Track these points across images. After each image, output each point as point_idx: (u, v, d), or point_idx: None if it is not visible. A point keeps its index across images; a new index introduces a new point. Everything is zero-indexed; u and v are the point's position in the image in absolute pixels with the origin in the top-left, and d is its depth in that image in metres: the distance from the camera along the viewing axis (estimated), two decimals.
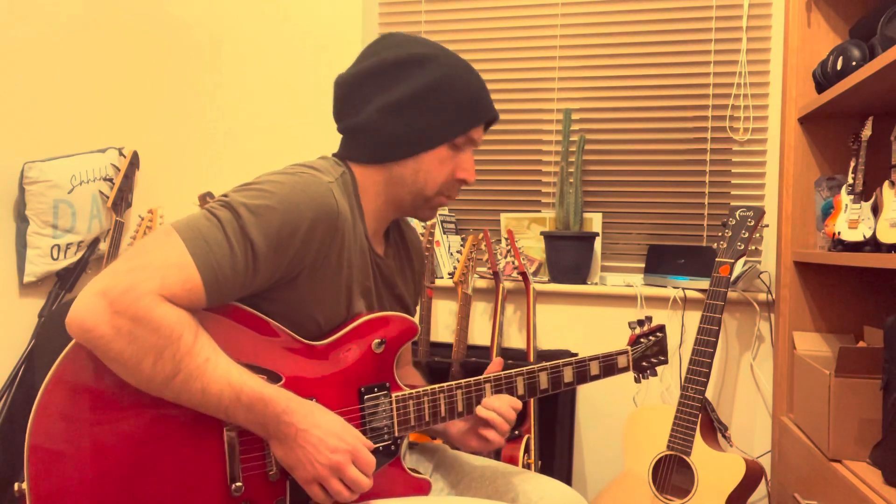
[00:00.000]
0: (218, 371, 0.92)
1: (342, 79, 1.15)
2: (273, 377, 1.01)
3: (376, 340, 1.09)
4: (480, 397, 1.16)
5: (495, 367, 1.22)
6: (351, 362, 1.08)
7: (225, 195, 1.00)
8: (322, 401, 1.04)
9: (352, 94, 1.13)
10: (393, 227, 1.27)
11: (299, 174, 1.03)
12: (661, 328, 1.36)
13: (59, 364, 0.92)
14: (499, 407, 1.15)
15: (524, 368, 1.20)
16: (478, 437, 1.18)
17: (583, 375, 1.24)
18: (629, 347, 1.31)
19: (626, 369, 1.30)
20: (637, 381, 1.34)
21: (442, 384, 1.14)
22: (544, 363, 1.21)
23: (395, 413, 1.10)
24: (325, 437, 0.97)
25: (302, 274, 1.02)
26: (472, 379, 1.16)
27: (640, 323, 1.37)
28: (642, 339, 1.33)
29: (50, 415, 0.91)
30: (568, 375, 1.23)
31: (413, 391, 1.12)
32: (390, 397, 1.10)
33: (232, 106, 2.57)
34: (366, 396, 1.08)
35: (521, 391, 1.19)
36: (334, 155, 1.17)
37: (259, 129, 2.55)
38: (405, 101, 1.09)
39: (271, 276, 1.00)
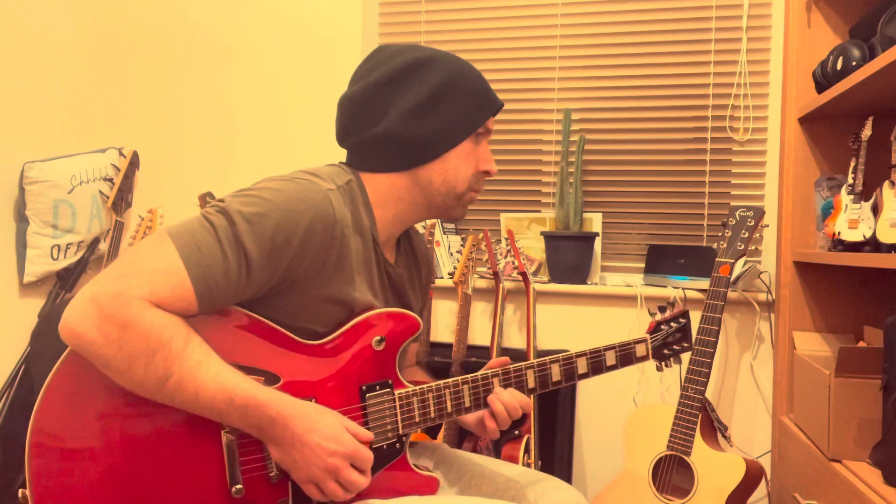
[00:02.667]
0: (210, 374, 0.92)
1: (351, 96, 1.14)
2: (271, 379, 1.01)
3: (376, 338, 1.09)
4: (488, 392, 1.15)
5: (499, 363, 1.20)
6: (351, 360, 1.07)
7: (221, 200, 1.00)
8: (322, 400, 1.03)
9: (365, 107, 1.12)
10: (402, 235, 1.26)
11: (297, 181, 1.03)
12: (685, 313, 1.31)
13: (59, 367, 0.92)
14: (509, 402, 1.14)
15: (535, 361, 1.17)
16: (479, 423, 1.18)
17: (598, 366, 1.21)
18: (647, 336, 1.27)
19: (644, 358, 1.25)
20: (659, 369, 1.30)
21: (447, 380, 1.13)
22: (557, 355, 1.19)
23: (398, 410, 1.10)
24: (322, 441, 0.96)
25: (298, 281, 1.02)
26: (479, 374, 1.15)
27: (662, 309, 1.32)
28: (663, 326, 1.28)
29: (50, 417, 0.91)
30: (582, 367, 1.20)
31: (417, 388, 1.11)
32: (393, 395, 1.10)
33: (231, 106, 2.57)
34: (367, 395, 1.08)
35: (531, 384, 1.17)
36: (343, 164, 1.17)
37: (258, 129, 2.55)
38: (424, 104, 1.10)
39: (266, 283, 0.99)
